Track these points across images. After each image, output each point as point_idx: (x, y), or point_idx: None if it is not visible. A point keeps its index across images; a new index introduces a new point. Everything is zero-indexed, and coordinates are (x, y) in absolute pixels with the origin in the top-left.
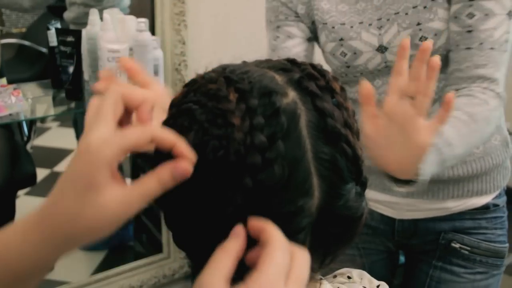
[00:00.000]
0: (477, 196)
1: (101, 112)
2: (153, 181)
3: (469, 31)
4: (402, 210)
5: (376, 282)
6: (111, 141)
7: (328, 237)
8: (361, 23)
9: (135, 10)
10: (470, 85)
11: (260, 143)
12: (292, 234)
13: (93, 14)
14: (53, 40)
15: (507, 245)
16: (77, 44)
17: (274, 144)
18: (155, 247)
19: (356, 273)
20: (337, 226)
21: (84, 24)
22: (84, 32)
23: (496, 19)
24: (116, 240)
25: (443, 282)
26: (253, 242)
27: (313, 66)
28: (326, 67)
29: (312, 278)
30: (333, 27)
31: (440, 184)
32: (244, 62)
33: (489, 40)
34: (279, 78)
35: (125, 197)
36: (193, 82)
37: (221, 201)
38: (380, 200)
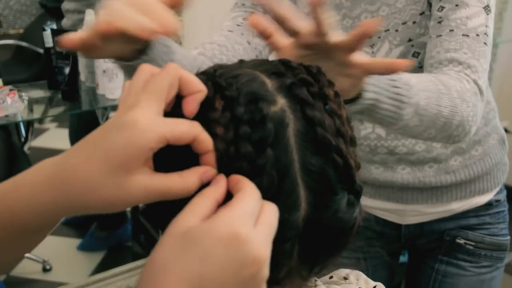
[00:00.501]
0: (480, 195)
1: (154, 88)
2: (179, 181)
3: (439, 22)
4: (407, 216)
5: (372, 283)
6: (158, 130)
7: (317, 248)
8: None
9: None
10: (442, 69)
11: (246, 153)
12: (278, 244)
13: (89, 14)
14: (48, 41)
15: (509, 237)
16: None
17: (262, 153)
18: (153, 247)
19: (352, 274)
20: (326, 237)
21: None
22: None
23: (469, 9)
24: (115, 240)
25: (449, 276)
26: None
27: (308, 69)
28: None
29: (303, 285)
30: None
31: (444, 189)
32: (240, 62)
33: (461, 27)
34: (269, 84)
35: (148, 185)
36: None
37: None
38: (384, 208)
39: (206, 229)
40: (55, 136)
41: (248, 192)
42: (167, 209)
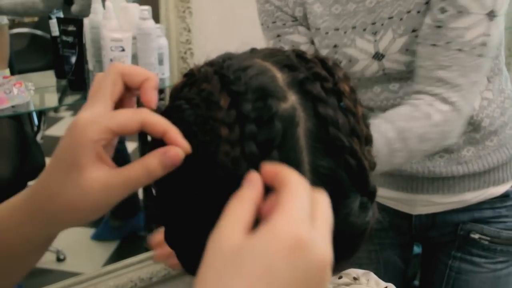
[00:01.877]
0: (495, 186)
1: (97, 90)
2: (140, 168)
3: (438, 27)
4: (418, 206)
5: (383, 284)
6: (99, 121)
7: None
8: (354, 27)
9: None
10: (426, 88)
11: (251, 154)
12: None
13: (96, 2)
14: (55, 29)
15: None
16: (78, 33)
17: (268, 154)
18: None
19: (362, 274)
20: (336, 242)
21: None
22: (87, 21)
23: (470, 18)
24: (128, 230)
25: (463, 273)
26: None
27: (323, 62)
28: None
29: None
30: (327, 33)
31: (455, 179)
32: (252, 51)
33: (457, 40)
34: (280, 78)
35: (108, 181)
36: (191, 74)
37: (212, 212)
38: (395, 198)
39: (263, 241)
40: None
41: (296, 186)
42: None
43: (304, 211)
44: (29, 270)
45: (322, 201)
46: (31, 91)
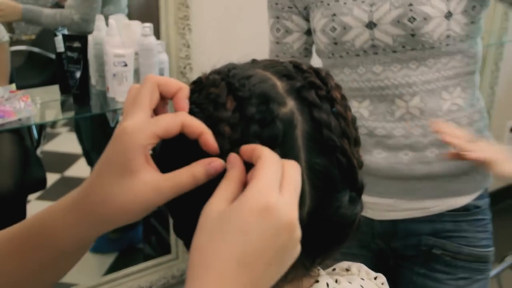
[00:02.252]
0: (456, 196)
1: (137, 100)
2: (187, 174)
3: None
4: (381, 211)
5: (373, 274)
6: (145, 127)
7: (319, 241)
8: (354, 0)
9: (140, 15)
10: None
11: None
12: None
13: (99, 19)
14: (60, 46)
15: (491, 249)
16: (83, 49)
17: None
18: (164, 249)
19: (354, 265)
20: (328, 231)
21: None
22: (90, 38)
23: None
24: (126, 242)
25: None
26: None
27: (317, 73)
28: (315, 60)
29: (306, 275)
30: (328, 4)
31: (418, 184)
32: (253, 61)
33: None
34: (280, 86)
35: (158, 184)
36: (199, 82)
37: None
38: None
39: (238, 207)
40: (67, 140)
41: (267, 159)
42: (191, 200)
43: (273, 180)
44: (72, 267)
45: (291, 171)
46: (37, 104)
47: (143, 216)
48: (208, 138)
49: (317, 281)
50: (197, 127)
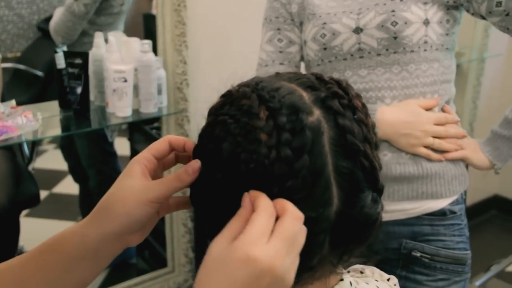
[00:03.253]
0: (432, 199)
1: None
2: (174, 178)
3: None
4: None
5: (386, 275)
6: (142, 153)
7: (346, 238)
8: (343, 12)
9: (137, 32)
10: None
11: (286, 156)
12: (313, 236)
13: (98, 36)
14: (60, 62)
15: (468, 252)
16: (84, 65)
17: (300, 158)
18: (159, 263)
19: (368, 268)
20: (353, 228)
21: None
22: (90, 54)
23: None
24: (118, 258)
25: None
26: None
27: (339, 83)
28: (303, 68)
29: (333, 272)
30: (320, 16)
31: (395, 185)
32: (277, 75)
33: None
34: (306, 97)
35: (148, 184)
36: (229, 94)
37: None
38: None
39: (229, 254)
40: (53, 157)
41: (259, 212)
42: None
43: (259, 233)
44: (90, 279)
45: (286, 221)
46: (39, 120)
47: (141, 213)
48: (190, 143)
49: (342, 280)
50: (181, 139)
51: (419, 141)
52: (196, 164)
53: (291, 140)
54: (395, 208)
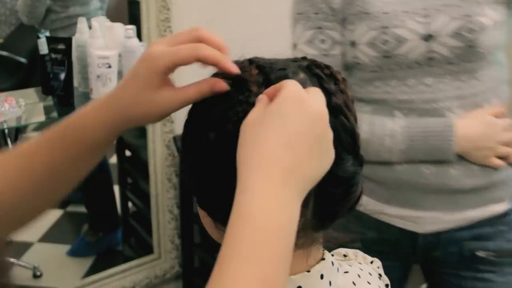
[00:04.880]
0: (496, 203)
1: (173, 37)
2: (194, 89)
3: None
4: (425, 224)
5: (369, 258)
6: (165, 54)
7: (328, 198)
8: (405, 12)
9: (122, 17)
10: None
11: None
12: None
13: (81, 22)
14: (43, 48)
15: None
16: (68, 50)
17: None
18: (144, 249)
19: (351, 251)
20: (335, 186)
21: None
22: (73, 40)
23: None
24: (104, 246)
25: None
26: None
27: (320, 64)
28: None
29: (314, 242)
30: (377, 17)
31: (462, 195)
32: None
33: None
34: (292, 64)
35: (171, 97)
36: None
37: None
38: (401, 215)
39: (275, 103)
40: None
41: (290, 81)
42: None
43: (300, 87)
44: (98, 162)
45: (313, 88)
46: (22, 106)
47: (160, 120)
48: (225, 63)
49: (323, 259)
50: (212, 56)
51: (493, 152)
52: (224, 84)
53: None
54: (458, 217)
